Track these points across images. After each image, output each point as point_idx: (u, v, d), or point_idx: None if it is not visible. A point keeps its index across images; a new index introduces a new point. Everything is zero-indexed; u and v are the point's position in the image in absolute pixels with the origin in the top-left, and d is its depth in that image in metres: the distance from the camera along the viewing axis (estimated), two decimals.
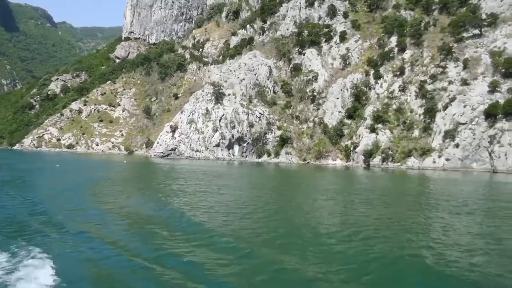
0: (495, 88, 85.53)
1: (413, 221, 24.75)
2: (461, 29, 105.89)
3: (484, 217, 27.47)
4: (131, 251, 16.69)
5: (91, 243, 17.54)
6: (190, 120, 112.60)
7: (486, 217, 27.26)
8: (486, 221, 25.84)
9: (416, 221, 24.50)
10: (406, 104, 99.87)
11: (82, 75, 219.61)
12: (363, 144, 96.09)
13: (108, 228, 20.56)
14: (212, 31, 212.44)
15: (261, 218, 24.28)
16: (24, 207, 26.35)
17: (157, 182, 47.79)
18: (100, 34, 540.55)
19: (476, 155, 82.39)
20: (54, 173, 55.48)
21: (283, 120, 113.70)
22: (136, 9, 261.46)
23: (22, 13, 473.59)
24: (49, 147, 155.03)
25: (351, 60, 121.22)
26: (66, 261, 15.27)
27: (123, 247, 17.17)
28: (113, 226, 21.05)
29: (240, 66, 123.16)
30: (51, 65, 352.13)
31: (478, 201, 36.43)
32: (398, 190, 47.65)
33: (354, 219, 25.73)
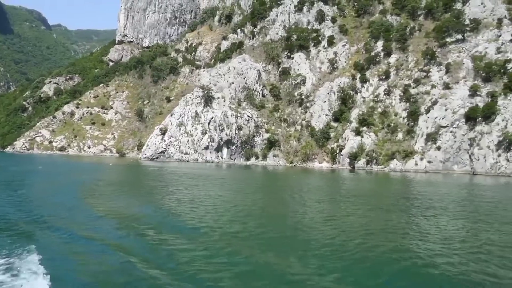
0: (475, 92, 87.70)
1: (389, 224, 26.12)
2: (445, 34, 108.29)
3: (458, 218, 28.70)
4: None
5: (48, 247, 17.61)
6: (180, 123, 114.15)
7: (460, 218, 28.59)
8: (461, 222, 27.10)
9: (390, 224, 25.42)
10: (391, 107, 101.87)
11: (75, 77, 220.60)
12: (348, 146, 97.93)
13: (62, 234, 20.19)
14: (204, 35, 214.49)
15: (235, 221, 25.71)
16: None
17: (133, 184, 49.04)
18: (95, 36, 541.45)
19: (457, 158, 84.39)
20: (32, 175, 55.86)
21: (271, 123, 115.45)
22: (130, 12, 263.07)
23: (17, 16, 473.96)
24: (40, 149, 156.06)
25: (338, 64, 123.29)
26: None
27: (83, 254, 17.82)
28: (67, 231, 20.56)
29: (230, 70, 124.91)
30: (45, 68, 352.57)
31: (455, 202, 37.74)
32: (374, 192, 49.35)
33: (322, 220, 27.41)
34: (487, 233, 23.16)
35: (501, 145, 79.04)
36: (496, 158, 79.08)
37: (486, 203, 37.87)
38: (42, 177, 52.57)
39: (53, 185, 42.98)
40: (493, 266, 16.67)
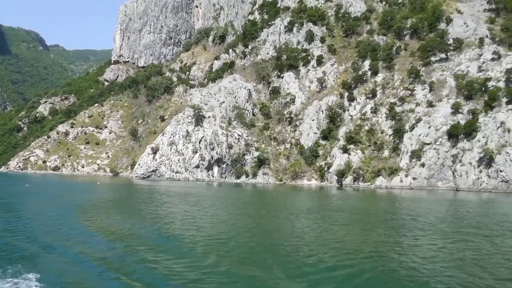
0: (458, 109, 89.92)
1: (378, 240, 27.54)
2: (429, 53, 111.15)
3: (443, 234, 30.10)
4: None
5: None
6: (171, 142, 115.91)
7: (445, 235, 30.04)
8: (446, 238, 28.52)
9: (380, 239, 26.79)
10: (377, 125, 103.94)
11: (71, 97, 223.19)
12: (336, 164, 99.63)
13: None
14: (199, 55, 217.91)
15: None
16: None
17: (111, 206, 48.83)
18: (93, 56, 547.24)
19: (440, 174, 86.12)
20: (13, 194, 56.50)
21: (261, 141, 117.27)
22: (125, 33, 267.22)
23: (15, 36, 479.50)
24: (34, 169, 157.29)
25: (327, 83, 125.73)
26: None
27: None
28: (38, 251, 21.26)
29: (220, 89, 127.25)
30: (42, 88, 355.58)
31: (436, 218, 39.07)
32: (356, 208, 50.84)
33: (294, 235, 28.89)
34: (467, 248, 24.40)
35: (482, 161, 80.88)
36: (477, 174, 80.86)
37: (460, 219, 39.42)
38: (21, 196, 52.97)
39: (29, 205, 43.79)
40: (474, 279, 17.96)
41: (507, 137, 79.92)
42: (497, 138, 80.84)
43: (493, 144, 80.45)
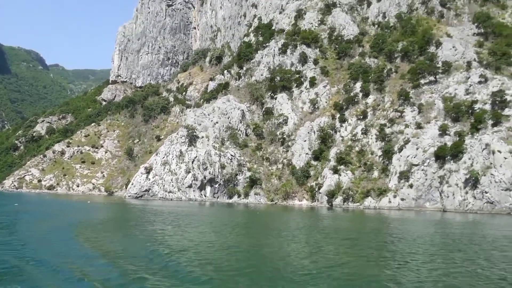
0: (445, 131, 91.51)
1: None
2: (419, 75, 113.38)
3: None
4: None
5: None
6: (164, 161, 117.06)
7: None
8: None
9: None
10: (367, 146, 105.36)
11: (68, 117, 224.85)
12: (326, 185, 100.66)
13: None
14: (195, 75, 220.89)
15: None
16: None
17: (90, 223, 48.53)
18: (92, 76, 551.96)
19: (428, 195, 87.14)
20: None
21: (254, 161, 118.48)
22: (124, 53, 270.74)
23: (15, 56, 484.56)
24: (29, 188, 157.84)
25: (319, 104, 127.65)
26: None
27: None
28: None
29: (214, 110, 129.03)
30: (41, 107, 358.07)
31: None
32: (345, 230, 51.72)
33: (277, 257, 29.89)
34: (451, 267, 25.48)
35: (468, 182, 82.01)
36: (464, 195, 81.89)
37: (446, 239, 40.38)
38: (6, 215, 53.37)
39: (12, 223, 44.46)
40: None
41: (491, 158, 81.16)
42: (482, 160, 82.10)
43: (479, 166, 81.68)
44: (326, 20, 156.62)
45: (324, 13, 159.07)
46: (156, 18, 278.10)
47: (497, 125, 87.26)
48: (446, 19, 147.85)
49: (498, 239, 41.25)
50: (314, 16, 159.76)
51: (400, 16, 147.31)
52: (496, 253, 32.19)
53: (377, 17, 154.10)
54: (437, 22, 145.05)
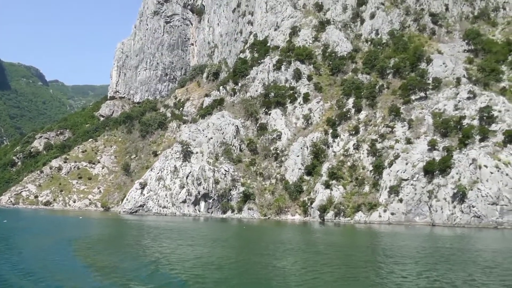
0: (434, 146, 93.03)
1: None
2: (410, 91, 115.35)
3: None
4: None
5: None
6: (159, 177, 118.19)
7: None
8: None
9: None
10: (359, 161, 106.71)
11: (66, 132, 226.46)
12: (318, 199, 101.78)
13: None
14: (193, 91, 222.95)
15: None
16: None
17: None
18: (91, 91, 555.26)
19: (418, 209, 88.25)
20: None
21: (247, 176, 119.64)
22: (122, 69, 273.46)
23: (15, 72, 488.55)
24: (26, 204, 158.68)
25: (313, 120, 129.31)
26: None
27: None
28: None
29: (209, 126, 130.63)
30: (40, 123, 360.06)
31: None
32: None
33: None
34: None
35: (455, 197, 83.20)
36: (452, 209, 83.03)
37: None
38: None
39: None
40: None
41: (478, 173, 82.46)
42: (469, 174, 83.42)
43: (466, 181, 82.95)
44: (320, 37, 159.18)
45: (318, 30, 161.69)
46: (154, 35, 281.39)
47: (484, 140, 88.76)
48: (438, 36, 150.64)
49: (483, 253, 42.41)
50: (309, 33, 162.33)
51: (393, 33, 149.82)
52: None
53: (370, 34, 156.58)
54: (429, 39, 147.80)
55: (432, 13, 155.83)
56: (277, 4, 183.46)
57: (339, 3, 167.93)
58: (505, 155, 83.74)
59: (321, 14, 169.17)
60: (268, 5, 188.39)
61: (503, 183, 79.56)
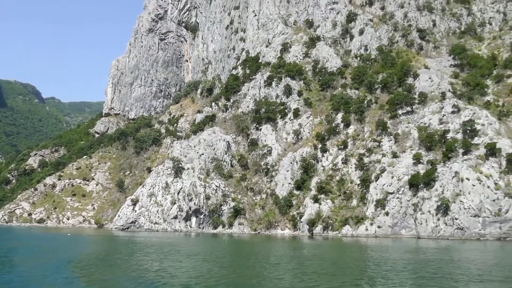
0: (418, 160, 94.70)
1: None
2: (397, 106, 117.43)
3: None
4: None
5: None
6: (151, 193, 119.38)
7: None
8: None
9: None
10: (347, 175, 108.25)
11: (61, 150, 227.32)
12: (307, 213, 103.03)
13: None
14: (187, 107, 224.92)
15: None
16: None
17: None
18: (88, 108, 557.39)
19: (404, 222, 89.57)
20: None
21: (238, 192, 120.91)
22: (117, 86, 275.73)
23: (11, 90, 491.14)
24: (20, 222, 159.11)
25: (302, 135, 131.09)
26: None
27: None
28: None
29: (200, 142, 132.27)
30: (36, 140, 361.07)
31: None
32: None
33: None
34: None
35: (439, 209, 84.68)
36: (436, 222, 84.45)
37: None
38: None
39: None
40: None
41: (461, 186, 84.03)
42: (452, 187, 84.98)
43: (449, 193, 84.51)
44: (311, 53, 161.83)
45: (308, 46, 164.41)
46: (149, 52, 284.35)
47: (467, 153, 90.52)
48: (425, 51, 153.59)
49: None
50: (299, 49, 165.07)
51: (381, 48, 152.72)
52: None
53: (360, 50, 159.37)
54: (417, 54, 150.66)
55: (419, 29, 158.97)
56: (269, 21, 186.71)
57: (329, 20, 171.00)
58: (486, 168, 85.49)
59: (312, 31, 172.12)
60: (260, 22, 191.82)
61: (485, 196, 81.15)
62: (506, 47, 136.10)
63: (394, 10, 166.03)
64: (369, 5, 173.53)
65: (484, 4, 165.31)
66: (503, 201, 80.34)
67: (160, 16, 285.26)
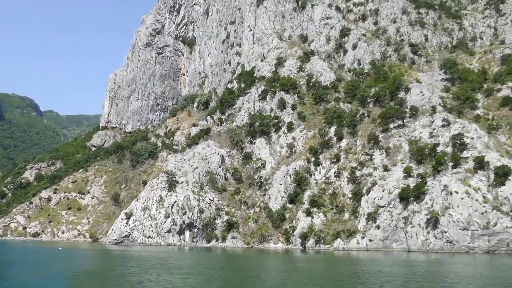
0: (409, 173, 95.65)
1: None
2: (389, 120, 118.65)
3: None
4: None
5: None
6: (145, 207, 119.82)
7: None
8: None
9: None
10: (339, 188, 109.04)
11: (57, 163, 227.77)
12: (300, 227, 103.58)
13: None
14: (183, 120, 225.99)
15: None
16: None
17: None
18: (86, 121, 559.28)
19: (394, 236, 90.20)
20: None
21: (232, 205, 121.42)
22: (114, 100, 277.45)
23: (9, 103, 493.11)
24: (14, 235, 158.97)
25: (296, 148, 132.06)
26: None
27: None
28: None
29: (194, 155, 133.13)
30: (33, 153, 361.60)
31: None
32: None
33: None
34: None
35: (429, 223, 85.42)
36: (426, 235, 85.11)
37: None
38: None
39: None
40: None
41: (450, 199, 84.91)
42: (442, 200, 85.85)
43: (438, 207, 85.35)
44: (305, 67, 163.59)
45: (303, 60, 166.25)
46: (146, 66, 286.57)
47: (456, 167, 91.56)
48: (418, 65, 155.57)
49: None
50: (293, 63, 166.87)
51: (374, 63, 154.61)
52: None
53: (353, 64, 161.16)
54: (409, 68, 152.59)
55: (412, 44, 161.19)
56: (264, 36, 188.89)
57: (323, 34, 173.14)
58: (475, 181, 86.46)
59: (306, 45, 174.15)
60: (255, 37, 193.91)
61: (473, 209, 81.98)
62: (496, 61, 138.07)
63: (387, 25, 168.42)
64: (362, 20, 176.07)
65: (475, 19, 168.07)
66: (491, 214, 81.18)
67: (158, 31, 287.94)
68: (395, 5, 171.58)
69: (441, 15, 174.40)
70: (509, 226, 79.74)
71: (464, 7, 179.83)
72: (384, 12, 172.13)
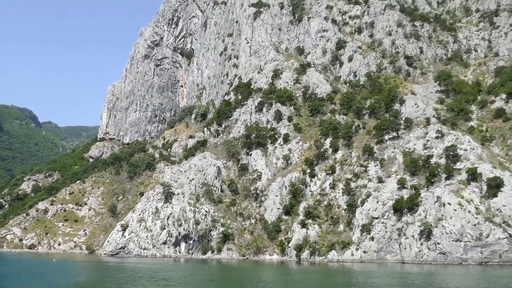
0: (403, 185, 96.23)
1: None
2: (383, 131, 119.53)
3: None
4: None
5: None
6: (140, 218, 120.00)
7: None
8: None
9: None
10: (334, 200, 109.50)
11: (55, 174, 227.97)
12: (295, 239, 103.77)
13: None
14: (181, 132, 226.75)
15: None
16: None
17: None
18: (85, 133, 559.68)
19: (389, 247, 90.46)
20: None
21: (227, 217, 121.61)
22: (112, 111, 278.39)
23: (8, 114, 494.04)
24: (10, 247, 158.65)
25: (292, 160, 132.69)
26: None
27: None
28: None
29: (191, 167, 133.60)
30: (31, 164, 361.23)
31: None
32: None
33: None
34: None
35: (422, 234, 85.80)
36: (419, 247, 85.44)
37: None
38: None
39: None
40: None
41: (443, 211, 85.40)
42: (435, 212, 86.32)
43: (431, 218, 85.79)
44: (301, 79, 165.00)
45: (299, 72, 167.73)
46: (144, 77, 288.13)
47: (450, 178, 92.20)
48: (413, 77, 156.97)
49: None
50: (290, 75, 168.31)
51: (370, 75, 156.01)
52: None
53: (349, 76, 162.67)
54: (404, 80, 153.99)
55: (407, 56, 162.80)
56: (261, 48, 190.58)
57: (319, 47, 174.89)
58: (468, 192, 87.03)
59: (302, 58, 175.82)
60: (252, 49, 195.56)
61: (466, 220, 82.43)
62: (490, 73, 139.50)
63: (382, 37, 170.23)
64: (358, 32, 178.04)
65: (469, 31, 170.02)
66: (484, 225, 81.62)
67: (156, 43, 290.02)
68: (390, 18, 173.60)
69: (436, 28, 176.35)
70: (502, 237, 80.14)
71: (459, 20, 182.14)
72: (379, 25, 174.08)
